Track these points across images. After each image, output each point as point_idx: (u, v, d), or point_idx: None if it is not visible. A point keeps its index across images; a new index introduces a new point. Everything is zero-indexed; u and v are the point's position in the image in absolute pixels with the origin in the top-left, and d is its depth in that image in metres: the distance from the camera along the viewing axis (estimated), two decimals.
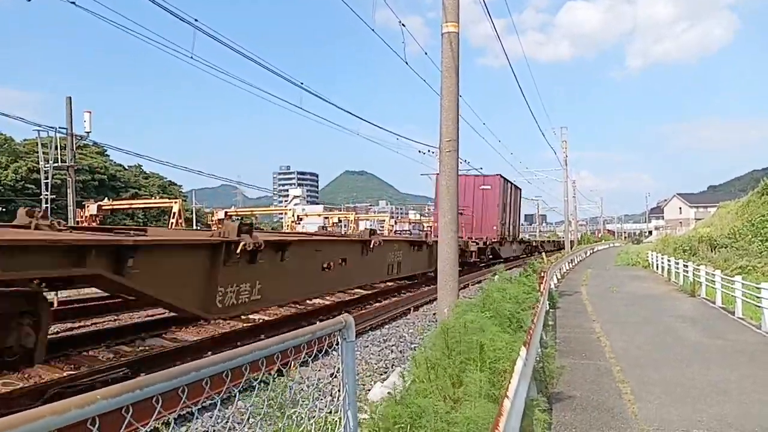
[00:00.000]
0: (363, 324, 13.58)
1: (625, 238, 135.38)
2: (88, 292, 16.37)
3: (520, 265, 32.49)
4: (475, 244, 30.27)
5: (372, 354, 11.07)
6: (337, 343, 3.54)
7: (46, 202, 33.04)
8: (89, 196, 57.64)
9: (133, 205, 47.20)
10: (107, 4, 14.35)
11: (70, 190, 30.53)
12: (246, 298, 10.29)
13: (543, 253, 49.30)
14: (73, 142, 30.59)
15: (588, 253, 58.03)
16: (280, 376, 3.82)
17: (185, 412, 6.17)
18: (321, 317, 14.14)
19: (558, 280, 25.46)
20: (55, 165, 32.69)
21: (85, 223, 32.92)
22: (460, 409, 4.99)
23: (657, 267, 32.86)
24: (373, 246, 16.04)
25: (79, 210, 33.73)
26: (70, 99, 29.28)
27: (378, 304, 17.19)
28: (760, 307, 13.89)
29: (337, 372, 3.82)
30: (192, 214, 70.96)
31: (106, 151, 77.40)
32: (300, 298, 14.92)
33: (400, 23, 14.59)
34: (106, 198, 51.44)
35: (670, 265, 27.96)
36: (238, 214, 46.48)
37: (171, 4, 12.25)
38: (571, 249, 52.20)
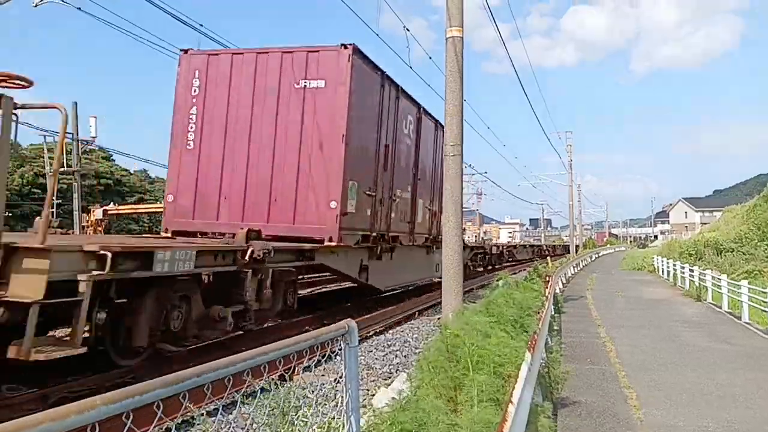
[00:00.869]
0: (367, 329, 13.55)
1: (630, 242, 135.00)
2: None
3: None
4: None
5: (376, 359, 11.03)
6: (340, 349, 3.53)
7: (52, 207, 33.17)
8: (95, 201, 57.85)
9: (138, 210, 47.41)
10: (113, 9, 14.42)
11: (76, 195, 30.63)
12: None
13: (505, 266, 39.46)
14: (79, 147, 30.72)
15: (593, 258, 57.88)
16: (283, 382, 3.81)
17: (188, 417, 6.15)
18: (326, 322, 14.12)
19: (563, 284, 25.39)
20: (61, 170, 32.82)
21: (90, 228, 33.06)
22: (463, 414, 4.96)
23: (663, 271, 32.72)
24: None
25: (84, 215, 33.86)
26: (76, 104, 29.46)
27: (382, 309, 17.15)
28: (766, 311, 13.81)
29: (340, 377, 3.80)
30: None
31: (112, 156, 77.74)
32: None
33: (405, 28, 14.62)
34: (112, 203, 51.62)
35: (675, 269, 27.85)
36: None
37: (177, 10, 12.26)
38: (576, 253, 52.08)
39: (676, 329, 14.03)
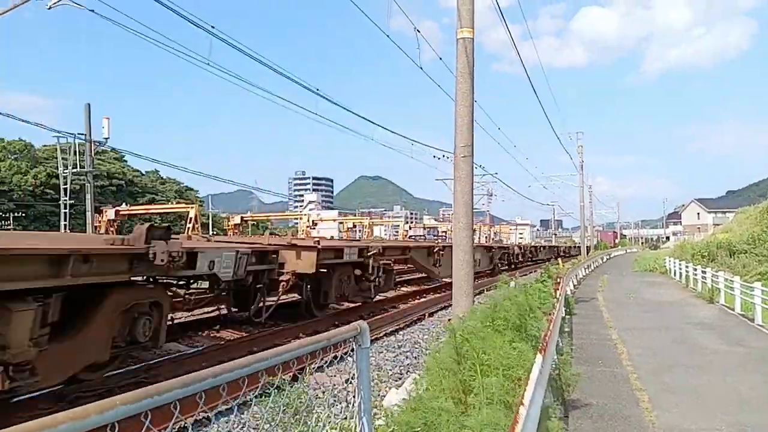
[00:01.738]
0: (378, 330, 13.59)
1: (642, 243, 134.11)
2: None
3: None
4: None
5: (387, 360, 11.06)
6: (352, 350, 3.55)
7: (65, 208, 33.45)
8: (107, 201, 58.26)
9: (150, 211, 47.68)
10: (126, 12, 14.53)
11: (88, 196, 30.88)
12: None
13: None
14: (92, 148, 30.96)
15: (604, 259, 57.59)
16: (296, 382, 3.84)
17: (201, 417, 6.20)
18: (336, 323, 14.17)
19: (575, 285, 25.29)
20: (74, 171, 33.12)
21: (102, 228, 33.30)
22: (473, 415, 4.97)
23: (674, 273, 32.50)
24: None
25: (97, 215, 34.11)
26: (89, 106, 29.67)
27: (393, 310, 17.19)
28: None
29: (352, 378, 3.82)
30: (208, 219, 71.44)
31: (124, 156, 78.27)
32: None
33: (415, 29, 14.61)
34: (124, 203, 51.95)
35: (687, 271, 27.65)
36: (254, 219, 46.67)
37: (188, 12, 12.37)
38: (587, 254, 51.83)
39: (688, 331, 13.94)
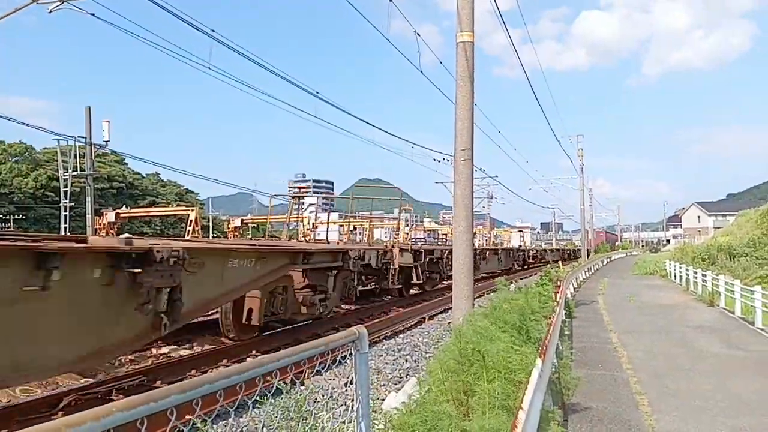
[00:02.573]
0: (377, 333, 13.57)
1: (642, 246, 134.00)
2: None
3: None
4: None
5: (386, 363, 11.05)
6: (350, 354, 3.54)
7: (65, 210, 33.45)
8: (107, 204, 58.29)
9: (150, 213, 47.66)
10: (128, 16, 14.54)
11: (88, 198, 30.86)
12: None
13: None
14: (92, 151, 30.96)
15: (604, 262, 57.56)
16: (294, 386, 3.84)
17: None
18: (336, 326, 14.15)
19: (575, 288, 25.27)
20: (75, 173, 33.12)
21: (103, 231, 33.28)
22: (474, 419, 4.96)
23: (675, 276, 32.48)
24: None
25: (97, 218, 34.08)
26: (90, 109, 29.66)
27: (393, 314, 17.18)
28: None
29: (350, 382, 3.81)
30: (209, 221, 71.42)
31: (125, 159, 78.32)
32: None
33: (415, 32, 14.61)
34: (124, 206, 51.96)
35: (688, 274, 27.63)
36: (254, 221, 46.65)
37: (189, 15, 12.36)
38: (588, 257, 51.79)
39: (688, 335, 13.92)
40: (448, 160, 34.56)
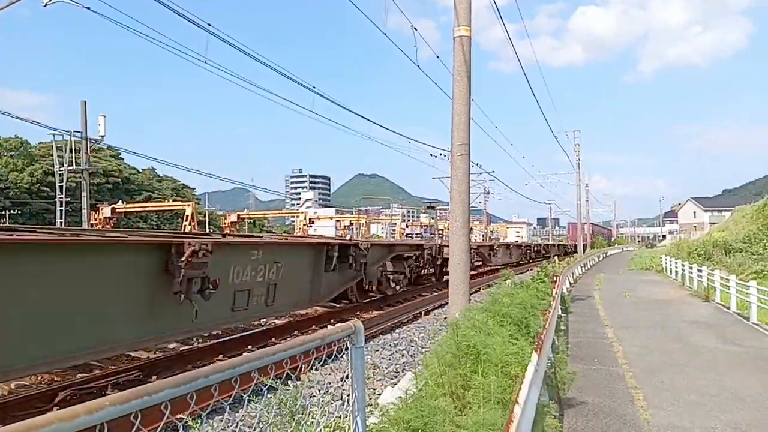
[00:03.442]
0: (374, 328, 13.58)
1: (638, 242, 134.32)
2: None
3: None
4: None
5: (383, 358, 11.06)
6: (346, 348, 3.53)
7: (61, 205, 33.36)
8: (103, 199, 58.18)
9: (146, 208, 47.61)
10: (123, 9, 14.46)
11: (84, 193, 30.77)
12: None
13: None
14: (88, 146, 30.86)
15: (600, 258, 57.69)
16: (290, 381, 3.82)
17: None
18: (333, 321, 14.16)
19: (570, 284, 25.31)
20: (70, 168, 32.99)
21: (99, 226, 33.22)
22: (469, 414, 4.96)
23: (670, 271, 32.57)
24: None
25: (93, 212, 34.01)
26: (85, 103, 29.58)
27: (390, 308, 17.18)
28: None
29: (346, 377, 3.81)
30: (205, 216, 71.34)
31: (120, 154, 78.14)
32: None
33: (413, 27, 14.57)
34: (120, 201, 51.85)
35: (683, 269, 27.71)
36: (251, 216, 46.66)
37: (185, 10, 12.31)
38: (584, 253, 51.89)
39: (683, 330, 13.96)
40: (444, 156, 34.58)
